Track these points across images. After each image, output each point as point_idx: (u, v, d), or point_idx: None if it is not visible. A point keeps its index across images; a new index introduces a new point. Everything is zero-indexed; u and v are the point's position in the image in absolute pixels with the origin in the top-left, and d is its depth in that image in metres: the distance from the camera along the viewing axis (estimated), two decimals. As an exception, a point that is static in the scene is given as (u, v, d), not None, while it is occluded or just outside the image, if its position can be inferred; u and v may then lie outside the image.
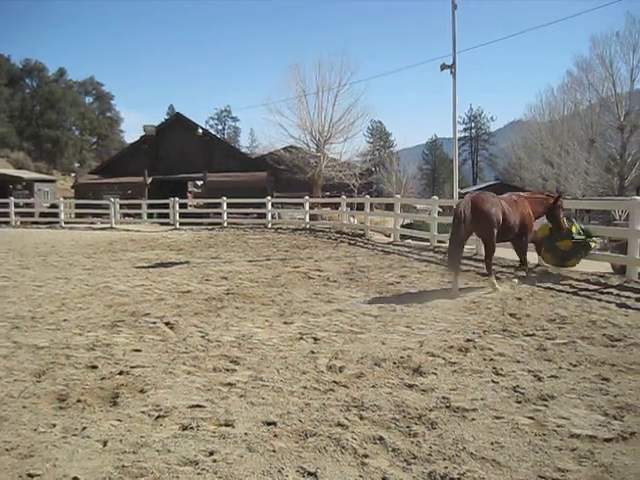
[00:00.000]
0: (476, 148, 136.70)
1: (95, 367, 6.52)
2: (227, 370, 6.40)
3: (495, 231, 11.62)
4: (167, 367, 6.51)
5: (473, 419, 4.95)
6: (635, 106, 53.46)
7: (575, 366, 6.46)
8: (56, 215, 37.40)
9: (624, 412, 5.07)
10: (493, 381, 5.96)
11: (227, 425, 4.86)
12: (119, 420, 5.00)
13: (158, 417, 5.04)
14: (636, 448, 4.40)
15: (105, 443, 4.54)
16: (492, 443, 4.48)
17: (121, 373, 6.27)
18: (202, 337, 7.87)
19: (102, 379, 6.10)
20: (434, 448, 4.40)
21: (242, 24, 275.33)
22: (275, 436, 4.64)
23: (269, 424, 4.87)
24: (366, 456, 4.30)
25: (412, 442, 4.51)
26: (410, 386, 5.81)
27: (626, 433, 4.63)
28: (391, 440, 4.54)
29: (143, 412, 5.16)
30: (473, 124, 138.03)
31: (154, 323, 8.69)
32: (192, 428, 4.78)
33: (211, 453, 4.35)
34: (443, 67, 21.70)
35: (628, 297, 10.43)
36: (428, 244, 19.81)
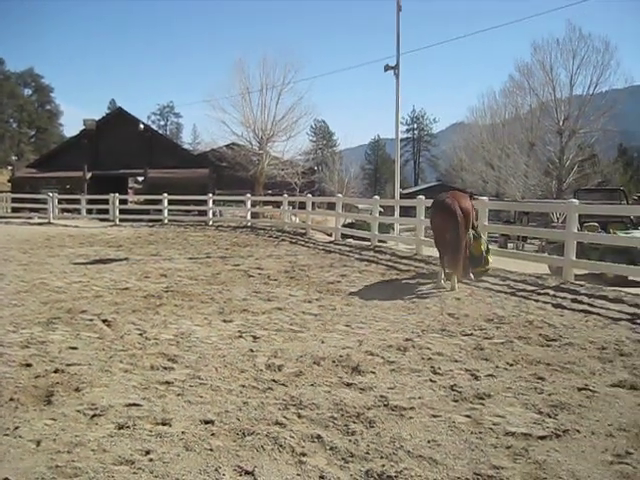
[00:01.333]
0: (418, 149, 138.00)
1: (29, 365, 6.35)
2: (165, 368, 6.33)
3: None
4: (104, 365, 6.40)
5: (411, 417, 4.99)
6: (574, 111, 54.49)
7: (511, 365, 6.56)
8: (-9, 209, 36.60)
9: (558, 410, 5.17)
10: (431, 380, 6.02)
11: (164, 424, 4.80)
12: (53, 419, 4.89)
13: (94, 416, 4.95)
14: (569, 445, 4.49)
15: (38, 443, 4.43)
16: (429, 441, 4.52)
17: (56, 371, 6.12)
18: (140, 335, 7.76)
19: (36, 377, 5.95)
20: (372, 446, 4.42)
21: (187, 20, 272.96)
22: (212, 435, 4.60)
23: (207, 423, 4.83)
24: (304, 454, 4.30)
25: (350, 440, 4.52)
26: (349, 385, 5.83)
27: (559, 430, 4.72)
28: (329, 438, 4.54)
29: (78, 411, 5.05)
30: (416, 125, 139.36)
31: (91, 320, 8.54)
32: (128, 427, 4.70)
33: (147, 452, 4.29)
34: (387, 68, 21.87)
35: (564, 298, 10.63)
36: (369, 243, 19.92)
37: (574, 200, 13.87)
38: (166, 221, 32.84)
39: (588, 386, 5.82)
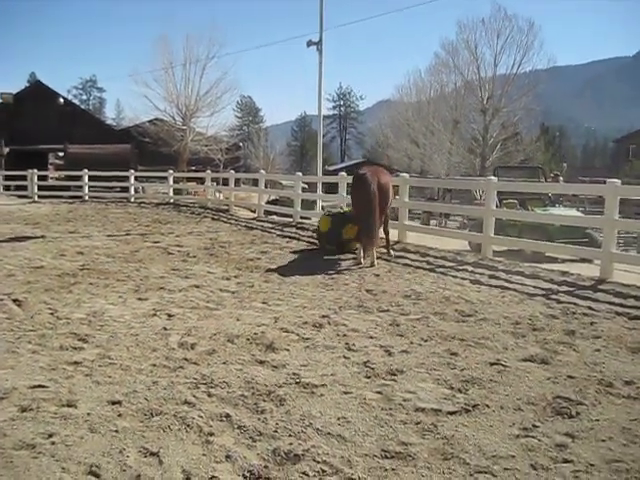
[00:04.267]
0: (345, 126, 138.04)
1: None
2: (74, 348, 6.19)
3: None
4: (10, 346, 6.21)
5: (322, 395, 4.98)
6: (497, 90, 55.17)
7: (426, 341, 6.61)
8: None
9: (469, 385, 5.23)
10: (344, 357, 6.02)
11: (69, 405, 4.69)
12: (-49, 402, 4.74)
13: (-4, 399, 4.81)
14: (477, 420, 4.54)
15: None
16: (339, 418, 4.52)
17: (-41, 352, 5.95)
18: (51, 314, 7.57)
19: (-63, 360, 5.76)
20: (280, 425, 4.39)
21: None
22: (119, 416, 4.51)
23: (114, 403, 4.73)
24: (211, 434, 4.24)
25: (259, 419, 4.49)
26: (262, 362, 5.79)
27: (469, 406, 4.77)
28: (237, 417, 4.50)
29: (-21, 394, 4.91)
30: (342, 102, 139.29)
31: (1, 300, 8.28)
32: (32, 410, 4.58)
33: (50, 435, 4.18)
34: (309, 44, 21.74)
35: (482, 274, 10.76)
36: (291, 220, 19.87)
37: (493, 177, 14.04)
38: (87, 198, 32.16)
39: (500, 361, 5.90)
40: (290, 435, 4.24)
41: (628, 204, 26.55)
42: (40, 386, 5.07)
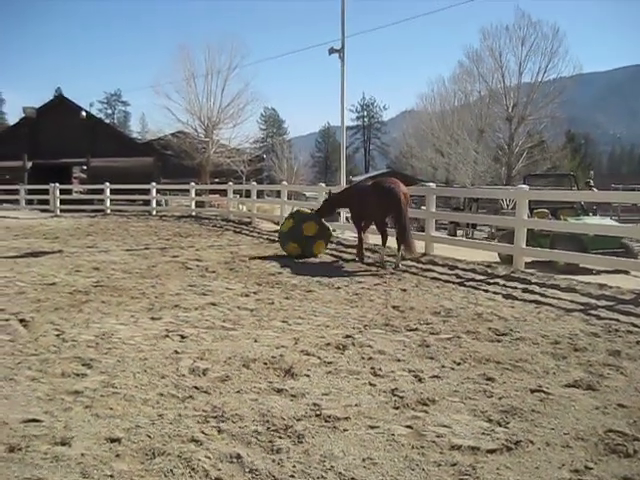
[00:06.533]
0: (368, 137, 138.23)
1: None
2: (77, 375, 5.68)
3: None
4: (9, 373, 5.72)
5: (345, 430, 4.43)
6: (523, 98, 54.60)
7: (459, 364, 6.06)
8: None
9: (509, 417, 4.67)
10: (370, 383, 5.46)
11: (63, 444, 4.17)
12: None
13: (-16, 436, 4.33)
14: (521, 460, 3.98)
15: None
16: (364, 460, 3.96)
17: (-47, 382, 5.48)
18: (57, 336, 7.07)
19: None
20: (298, 467, 3.85)
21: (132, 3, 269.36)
22: (117, 456, 3.99)
23: (112, 441, 4.21)
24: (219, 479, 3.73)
25: (273, 460, 3.94)
26: (279, 391, 5.25)
27: (511, 442, 4.21)
28: (250, 459, 3.95)
29: (-32, 429, 4.42)
30: (366, 113, 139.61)
31: (7, 320, 7.81)
32: (20, 449, 4.07)
33: (36, 481, 3.68)
34: (332, 51, 21.26)
35: (515, 288, 10.26)
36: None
37: (524, 186, 13.50)
38: (109, 211, 32.00)
39: (542, 387, 5.34)
40: (308, 481, 3.71)
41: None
42: (34, 420, 4.57)
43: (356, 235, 14.65)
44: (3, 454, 4.02)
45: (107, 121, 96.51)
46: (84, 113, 53.86)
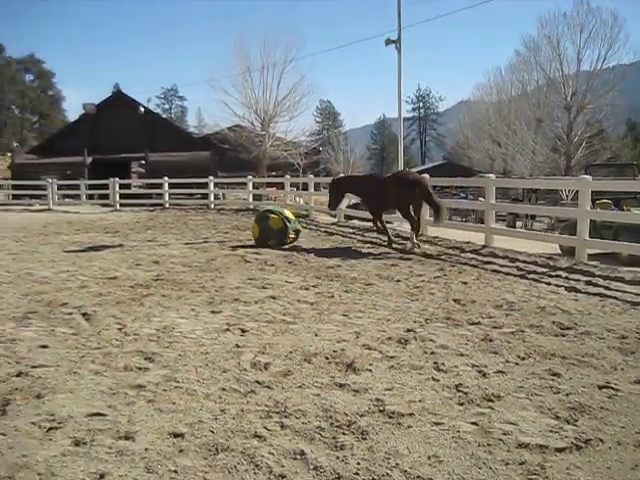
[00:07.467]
0: (424, 128, 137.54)
1: (-8, 367, 5.78)
2: (139, 369, 5.69)
3: None
4: (73, 366, 5.77)
5: (409, 426, 4.35)
6: (582, 86, 53.63)
7: (523, 359, 5.92)
8: (-9, 197, 36.20)
9: (577, 414, 4.53)
10: (434, 378, 5.36)
11: (127, 438, 4.17)
12: (3, 434, 4.26)
13: (50, 429, 4.33)
14: (592, 459, 3.85)
15: (-22, 465, 3.83)
16: (429, 457, 3.87)
17: (19, 374, 5.49)
18: (119, 330, 7.13)
19: (-4, 382, 5.36)
20: (362, 465, 3.77)
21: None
22: (181, 452, 3.98)
23: (176, 436, 4.20)
24: (283, 476, 3.66)
25: (338, 457, 3.88)
26: (341, 386, 5.18)
27: (580, 441, 4.07)
28: (313, 455, 3.90)
29: (34, 423, 4.42)
30: (421, 104, 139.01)
31: (70, 314, 7.90)
32: (85, 443, 4.08)
33: (102, 476, 3.65)
34: (388, 42, 21.14)
35: (577, 280, 10.04)
36: (372, 224, 19.25)
37: (586, 176, 13.23)
38: (167, 205, 32.36)
39: (610, 383, 5.17)
40: (373, 479, 3.63)
41: None
42: (98, 414, 4.58)
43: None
44: (69, 448, 4.04)
45: (164, 116, 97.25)
46: (142, 108, 54.57)
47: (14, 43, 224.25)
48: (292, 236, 15.50)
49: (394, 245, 14.95)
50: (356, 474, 3.67)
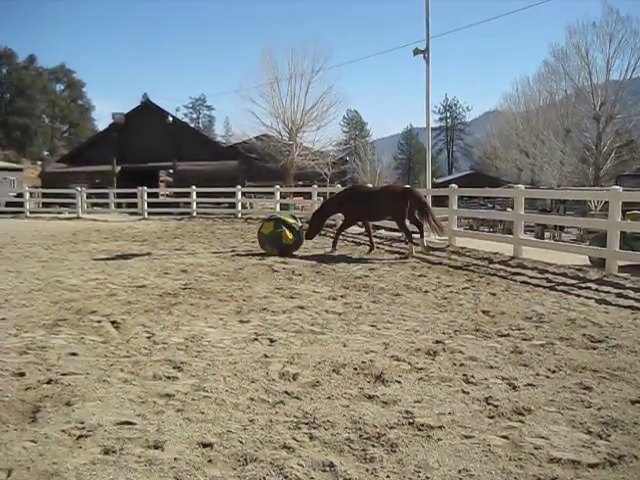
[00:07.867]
0: (452, 138, 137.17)
1: (22, 374, 5.77)
2: (168, 378, 5.70)
3: None
4: (102, 374, 5.80)
5: (439, 439, 4.31)
6: (611, 96, 53.15)
7: (554, 372, 5.86)
8: (22, 205, 36.53)
9: (610, 429, 4.46)
10: (463, 391, 5.32)
11: (156, 447, 4.18)
12: (33, 441, 4.29)
13: (79, 437, 4.35)
14: (626, 477, 3.78)
15: (9, 472, 3.82)
16: (460, 471, 3.83)
17: (49, 382, 5.53)
18: (148, 338, 7.16)
19: (27, 389, 5.35)
20: (392, 478, 3.74)
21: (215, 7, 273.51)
22: (210, 462, 3.97)
23: (205, 446, 4.19)
24: (312, 488, 3.66)
25: (367, 470, 3.85)
26: (370, 397, 5.16)
27: (614, 456, 4.01)
28: (343, 467, 3.87)
29: (63, 431, 4.45)
30: (448, 114, 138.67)
31: (99, 322, 7.95)
32: (115, 452, 4.09)
33: (131, 485, 3.68)
34: (416, 52, 21.14)
35: (608, 292, 9.92)
36: (400, 234, 19.22)
37: (617, 187, 13.08)
38: (195, 214, 32.49)
39: (643, 398, 5.10)
40: (404, 492, 3.60)
41: None
42: (127, 422, 4.60)
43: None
44: (99, 456, 4.05)
45: (192, 125, 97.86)
46: (170, 118, 54.92)
47: (45, 54, 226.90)
48: (290, 238, 15.66)
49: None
50: (386, 487, 3.64)
